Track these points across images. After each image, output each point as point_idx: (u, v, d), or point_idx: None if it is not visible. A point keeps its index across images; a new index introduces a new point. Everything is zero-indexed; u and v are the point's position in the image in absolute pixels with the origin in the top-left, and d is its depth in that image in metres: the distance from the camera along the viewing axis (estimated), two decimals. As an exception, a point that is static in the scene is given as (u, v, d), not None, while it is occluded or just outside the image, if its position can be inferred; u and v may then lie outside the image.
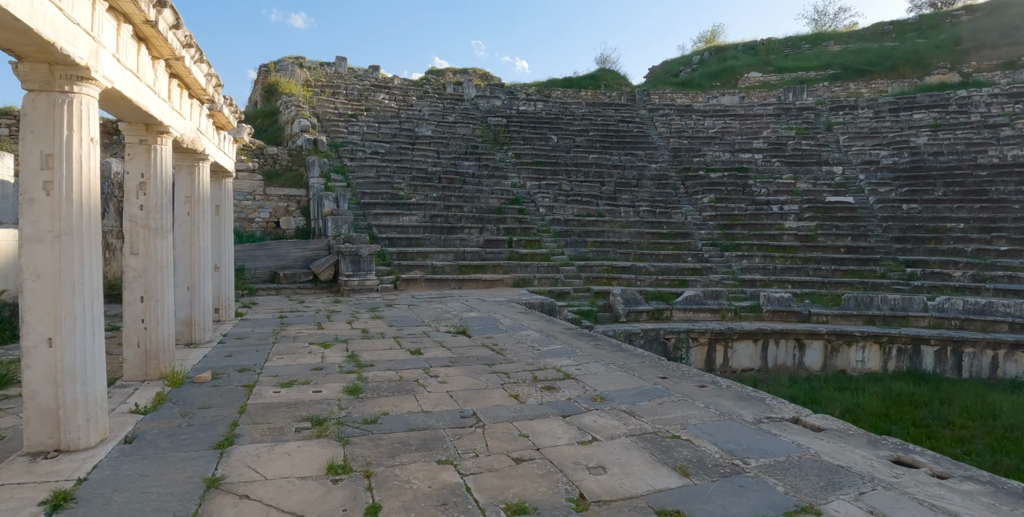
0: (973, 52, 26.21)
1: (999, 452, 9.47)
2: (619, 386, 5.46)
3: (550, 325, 9.28)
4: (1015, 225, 17.89)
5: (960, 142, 22.06)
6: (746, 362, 14.80)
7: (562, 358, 6.80)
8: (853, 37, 30.52)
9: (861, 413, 11.30)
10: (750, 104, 27.42)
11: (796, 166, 22.90)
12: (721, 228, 19.99)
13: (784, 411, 4.81)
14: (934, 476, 3.63)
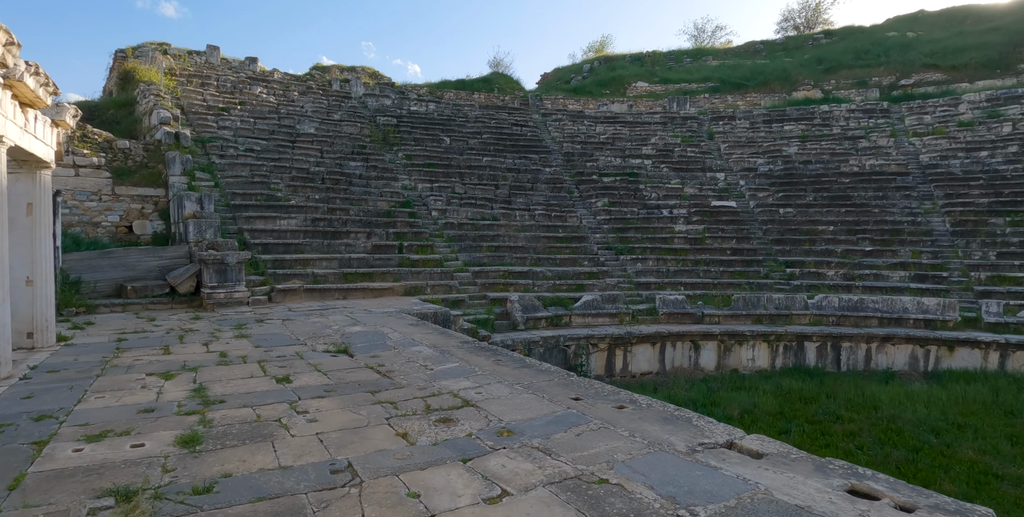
0: (832, 71, 28.61)
1: (887, 444, 9.78)
2: (528, 413, 4.63)
3: (445, 339, 8.33)
4: (876, 227, 19.39)
5: (825, 152, 23.79)
6: (645, 366, 14.69)
7: (459, 379, 5.88)
8: (729, 54, 32.41)
9: (759, 413, 11.38)
10: (638, 112, 28.14)
11: (683, 172, 23.61)
12: (615, 232, 20.03)
13: (715, 434, 4.21)
14: (899, 508, 3.13)
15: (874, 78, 27.81)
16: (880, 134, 24.13)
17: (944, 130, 23.11)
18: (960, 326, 14.73)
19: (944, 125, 23.38)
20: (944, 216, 19.27)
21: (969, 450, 9.49)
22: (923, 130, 23.64)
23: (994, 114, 22.70)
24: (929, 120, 24.10)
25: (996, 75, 24.92)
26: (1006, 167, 20.10)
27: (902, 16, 31.51)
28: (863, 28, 31.28)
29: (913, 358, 14.53)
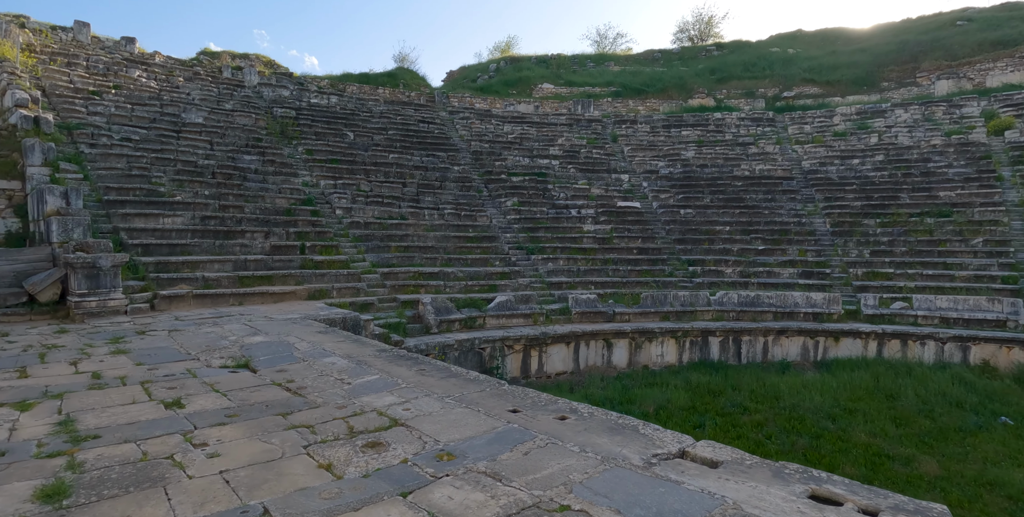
0: (724, 82, 30.36)
1: (791, 433, 10.29)
2: (467, 431, 4.22)
3: (359, 347, 7.69)
4: (767, 228, 20.68)
5: (719, 157, 25.13)
6: (560, 366, 14.67)
7: (382, 394, 5.35)
8: (630, 60, 33.55)
9: (672, 408, 11.64)
10: (545, 113, 28.38)
11: (589, 173, 24.03)
12: (526, 231, 19.97)
13: (666, 443, 4.02)
14: (863, 512, 3.06)
15: (760, 89, 29.83)
16: (767, 141, 25.86)
17: (822, 139, 25.15)
18: (843, 318, 15.97)
19: (822, 135, 25.46)
20: (825, 218, 20.90)
21: (862, 433, 10.20)
22: (804, 139, 25.60)
23: (863, 126, 25.02)
24: (808, 130, 26.16)
25: (864, 91, 27.51)
26: (875, 174, 22.17)
27: (783, 34, 34.11)
28: (750, 43, 33.52)
29: (805, 349, 15.57)
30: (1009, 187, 19.30)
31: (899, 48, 27.82)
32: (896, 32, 30.03)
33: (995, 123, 21.90)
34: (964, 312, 14.98)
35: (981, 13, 28.80)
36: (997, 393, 12.02)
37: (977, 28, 26.56)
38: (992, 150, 21.16)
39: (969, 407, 11.43)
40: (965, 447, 9.69)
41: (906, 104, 25.36)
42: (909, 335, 14.84)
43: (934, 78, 26.19)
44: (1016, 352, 13.59)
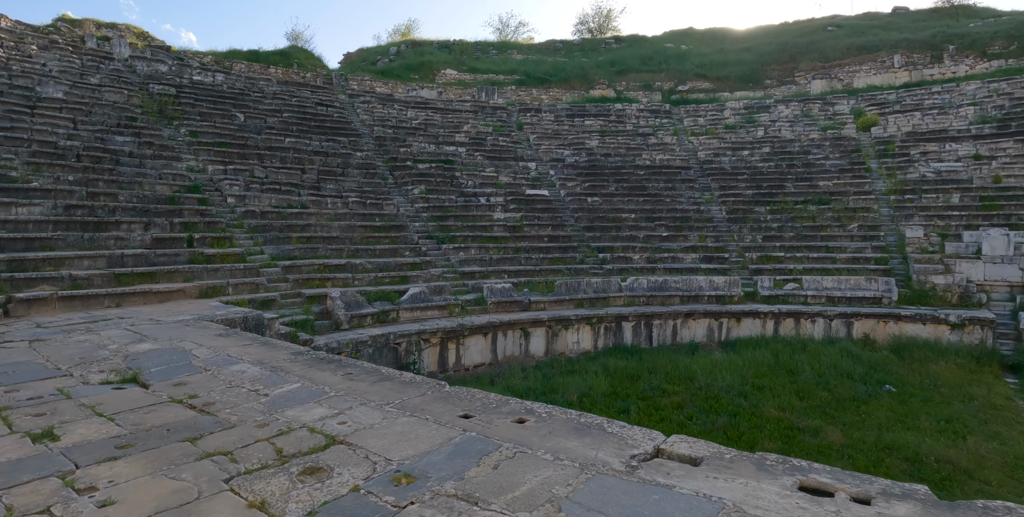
0: (623, 74, 31.11)
1: (710, 412, 10.60)
2: (420, 445, 3.71)
3: (271, 351, 6.86)
4: (669, 215, 21.44)
5: (622, 146, 25.74)
6: (478, 357, 14.30)
7: (309, 405, 4.68)
8: (532, 49, 33.52)
9: (595, 395, 11.63)
10: (449, 99, 27.68)
11: (497, 161, 23.72)
12: (435, 220, 19.33)
13: (638, 441, 3.76)
14: (856, 501, 2.95)
15: (657, 83, 30.89)
16: (665, 132, 26.84)
17: (715, 132, 26.47)
18: (743, 300, 16.87)
19: (714, 127, 26.79)
20: (721, 205, 22.01)
21: (772, 408, 10.71)
22: (699, 131, 26.82)
23: (750, 120, 26.61)
24: (702, 122, 27.45)
25: (750, 87, 29.26)
26: (763, 164, 23.65)
27: (676, 31, 35.55)
28: (646, 38, 34.62)
29: (710, 330, 16.27)
30: (877, 178, 21.28)
31: (779, 49, 29.84)
32: (776, 34, 32.21)
33: (863, 120, 24.06)
34: (847, 291, 16.31)
35: (848, 20, 31.58)
36: (879, 364, 13.15)
37: (845, 34, 29.07)
38: (861, 144, 23.24)
39: (858, 377, 12.39)
40: (861, 415, 10.45)
41: (787, 101, 27.29)
42: (801, 314, 15.92)
43: (810, 77, 28.37)
44: (891, 326, 14.98)
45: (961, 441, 9.00)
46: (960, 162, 20.12)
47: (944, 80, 25.15)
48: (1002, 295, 15.28)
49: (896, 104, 24.40)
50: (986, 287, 15.50)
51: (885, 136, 22.98)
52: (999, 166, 19.18)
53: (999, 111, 21.42)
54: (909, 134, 22.51)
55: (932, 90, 24.22)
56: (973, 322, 14.22)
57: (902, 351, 13.94)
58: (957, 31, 25.89)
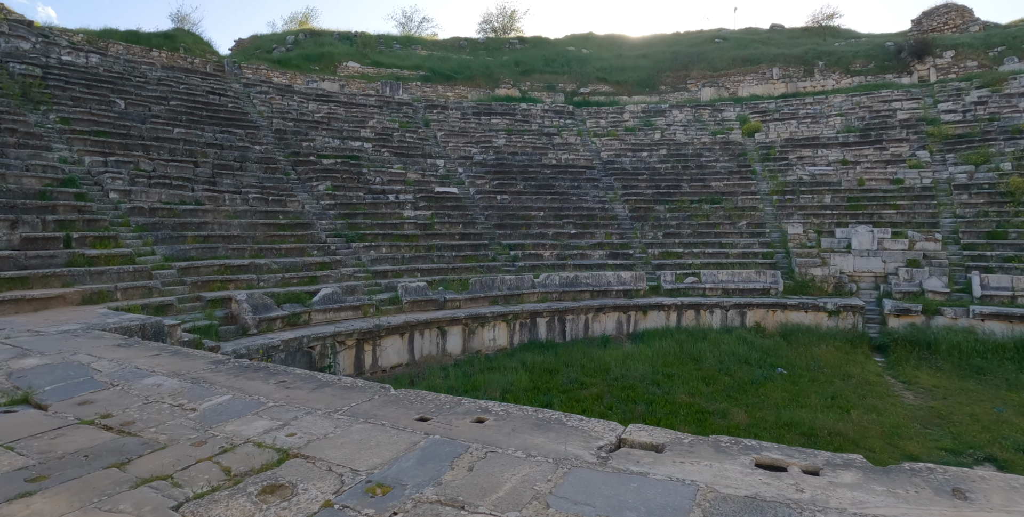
0: (528, 74, 31.60)
1: (628, 401, 11.07)
2: (385, 452, 3.58)
3: (185, 361, 6.30)
4: (576, 213, 22.09)
5: (528, 145, 26.16)
6: (395, 358, 13.99)
7: (248, 418, 4.36)
8: (437, 46, 33.17)
9: (517, 390, 11.77)
10: (352, 93, 26.78)
11: (405, 157, 23.29)
12: (343, 218, 18.66)
13: (600, 433, 3.86)
14: (807, 473, 3.23)
15: (560, 84, 31.69)
16: (570, 133, 27.61)
17: (615, 133, 27.60)
18: (648, 293, 17.76)
19: (615, 129, 27.93)
20: (624, 204, 23.00)
21: (683, 395, 11.38)
22: (601, 132, 27.84)
23: (648, 123, 28.01)
24: (604, 124, 28.53)
25: (647, 92, 30.77)
26: (661, 165, 24.98)
27: (577, 35, 36.60)
28: (549, 40, 35.37)
29: (619, 323, 16.99)
30: (761, 179, 23.18)
31: (672, 57, 31.64)
32: (669, 43, 34.11)
33: (748, 126, 26.10)
34: (739, 283, 17.65)
35: (732, 34, 34.10)
36: (771, 349, 14.38)
37: (730, 46, 31.37)
38: (747, 149, 25.20)
39: (754, 362, 13.47)
40: (760, 396, 11.37)
41: (680, 106, 29.00)
42: (701, 305, 17.04)
43: (700, 85, 30.33)
44: (779, 314, 16.42)
45: (846, 415, 10.06)
46: (830, 166, 22.40)
47: (815, 92, 27.87)
48: (868, 284, 17.23)
49: (775, 113, 26.70)
50: (855, 277, 17.41)
51: (767, 141, 25.08)
52: (862, 170, 21.57)
53: (861, 122, 24.09)
54: (787, 140, 24.72)
55: (805, 101, 26.76)
56: (846, 309, 15.92)
57: (789, 337, 15.34)
58: (825, 49, 28.79)
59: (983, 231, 17.46)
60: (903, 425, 9.66)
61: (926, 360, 13.40)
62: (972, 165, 19.71)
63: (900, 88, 25.79)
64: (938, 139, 21.61)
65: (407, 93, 28.53)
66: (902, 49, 26.66)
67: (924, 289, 15.72)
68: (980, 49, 25.14)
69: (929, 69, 26.00)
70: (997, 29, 26.61)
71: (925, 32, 27.58)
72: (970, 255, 16.70)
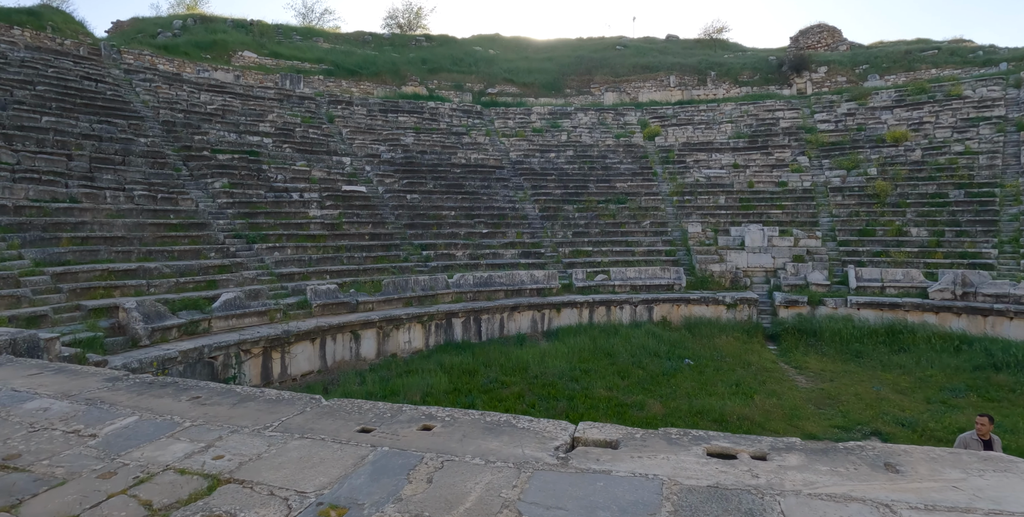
0: (435, 72, 31.24)
1: (549, 398, 11.19)
2: (332, 470, 3.33)
3: (74, 380, 5.57)
4: (487, 212, 22.12)
5: (437, 144, 25.87)
6: (306, 365, 13.30)
7: (162, 441, 3.90)
8: (340, 39, 31.98)
9: (437, 393, 11.56)
10: (249, 85, 25.19)
11: (308, 154, 22.26)
12: (243, 217, 17.50)
13: (553, 433, 3.84)
14: (757, 459, 3.38)
15: (468, 84, 31.61)
16: (478, 132, 27.60)
17: (524, 134, 27.94)
18: (561, 291, 18.11)
19: (523, 130, 28.26)
20: (534, 204, 23.33)
21: (601, 389, 11.68)
22: (509, 132, 28.07)
23: (555, 125, 28.59)
24: (512, 125, 28.78)
25: (552, 95, 31.42)
26: (568, 166, 25.59)
27: (484, 35, 36.66)
28: (456, 39, 35.17)
29: (534, 321, 17.19)
30: (662, 181, 24.37)
31: (577, 62, 32.52)
32: (574, 48, 35.03)
33: (648, 130, 27.35)
34: (646, 280, 18.44)
35: (632, 42, 35.61)
36: (678, 341, 15.13)
37: (631, 54, 32.73)
38: (648, 151, 26.40)
39: (663, 355, 14.12)
40: (672, 387, 11.92)
41: (585, 109, 29.87)
42: (611, 302, 17.62)
43: (603, 89, 31.40)
44: (683, 308, 17.32)
45: (750, 400, 10.77)
46: (723, 169, 23.97)
47: (708, 100, 29.71)
48: (760, 279, 18.61)
49: (673, 118, 28.18)
50: (749, 272, 18.74)
51: (666, 145, 26.41)
52: (752, 173, 23.27)
53: (749, 129, 25.98)
54: (684, 144, 26.17)
55: (700, 108, 28.45)
56: (742, 302, 17.09)
57: (693, 329, 16.23)
58: (716, 60, 30.79)
59: (855, 229, 19.43)
60: (800, 407, 10.51)
61: (813, 347, 14.68)
62: (844, 170, 21.87)
63: (782, 99, 28.11)
64: (815, 146, 23.78)
65: (309, 87, 27.28)
66: (783, 63, 29.09)
67: (808, 282, 17.22)
68: (848, 66, 27.96)
69: (806, 82, 28.56)
70: (862, 49, 29.73)
71: (802, 49, 30.26)
72: (846, 251, 18.52)
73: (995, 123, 21.71)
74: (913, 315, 15.19)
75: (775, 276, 18.38)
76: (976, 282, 15.03)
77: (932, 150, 21.65)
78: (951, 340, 13.82)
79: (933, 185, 20.16)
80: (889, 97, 25.12)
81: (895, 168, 21.31)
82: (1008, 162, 20.13)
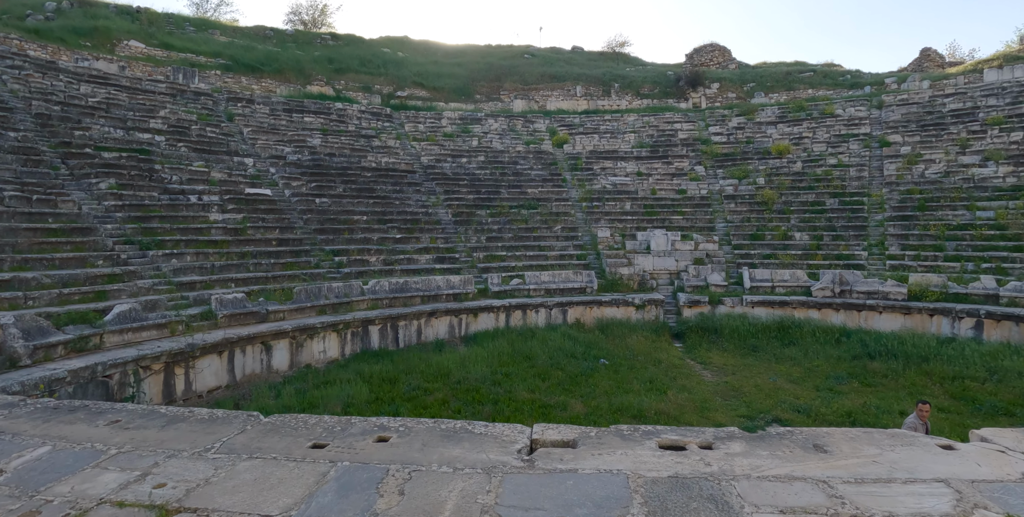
0: (342, 73, 30.37)
1: (474, 403, 11.24)
2: (294, 490, 3.22)
3: (-41, 402, 4.96)
4: (400, 217, 21.81)
5: (346, 147, 25.19)
6: (213, 381, 12.49)
7: (88, 472, 3.58)
8: (239, 33, 30.27)
9: (359, 403, 11.26)
10: (137, 77, 23.28)
11: (206, 154, 20.93)
12: (135, 221, 16.15)
13: (512, 437, 3.93)
14: (704, 448, 3.65)
15: (376, 86, 31.01)
16: (388, 136, 27.18)
17: (435, 138, 27.83)
18: (477, 296, 18.21)
19: (434, 134, 28.15)
20: (447, 208, 23.29)
21: (523, 392, 11.89)
22: (420, 136, 27.85)
23: (466, 130, 28.71)
24: (423, 129, 28.58)
25: (463, 100, 31.53)
26: (480, 172, 25.79)
27: (392, 37, 36.09)
28: (363, 39, 34.36)
29: (452, 327, 17.16)
30: (571, 187, 25.17)
31: (487, 68, 32.85)
32: (483, 54, 35.34)
33: (557, 138, 28.15)
34: (560, 284, 18.97)
35: (540, 51, 36.48)
36: (593, 342, 15.69)
37: (539, 63, 33.53)
38: (557, 158, 27.17)
39: (580, 356, 14.59)
40: (591, 387, 12.36)
41: (495, 115, 30.23)
42: (527, 305, 17.95)
43: (513, 96, 31.95)
44: (596, 310, 17.99)
45: (664, 396, 11.41)
46: (628, 177, 25.15)
47: (613, 111, 31.06)
48: (665, 281, 19.72)
49: (580, 127, 29.20)
50: (655, 275, 19.80)
51: (575, 153, 27.31)
52: (654, 181, 24.60)
53: (651, 139, 27.45)
54: (592, 152, 27.19)
55: (605, 118, 29.68)
56: (650, 303, 18.02)
57: (606, 330, 16.89)
58: (619, 73, 32.27)
59: (748, 234, 21.10)
60: (709, 400, 11.27)
61: (715, 343, 15.77)
62: (736, 179, 23.68)
63: (679, 112, 29.95)
64: (710, 157, 25.56)
65: (205, 82, 25.63)
66: (680, 78, 31.03)
67: (708, 283, 18.47)
68: (738, 84, 30.32)
69: (701, 97, 30.64)
70: (749, 69, 32.34)
71: (696, 66, 32.44)
72: (740, 254, 20.07)
73: (862, 139, 24.43)
74: (799, 311, 16.75)
75: (679, 278, 19.55)
76: (851, 281, 16.84)
77: (811, 162, 23.98)
78: (833, 333, 15.39)
79: (812, 194, 22.33)
80: (773, 113, 27.52)
81: (780, 178, 23.39)
82: (873, 174, 22.73)
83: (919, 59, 31.07)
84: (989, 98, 23.94)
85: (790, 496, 2.86)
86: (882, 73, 30.10)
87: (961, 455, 3.38)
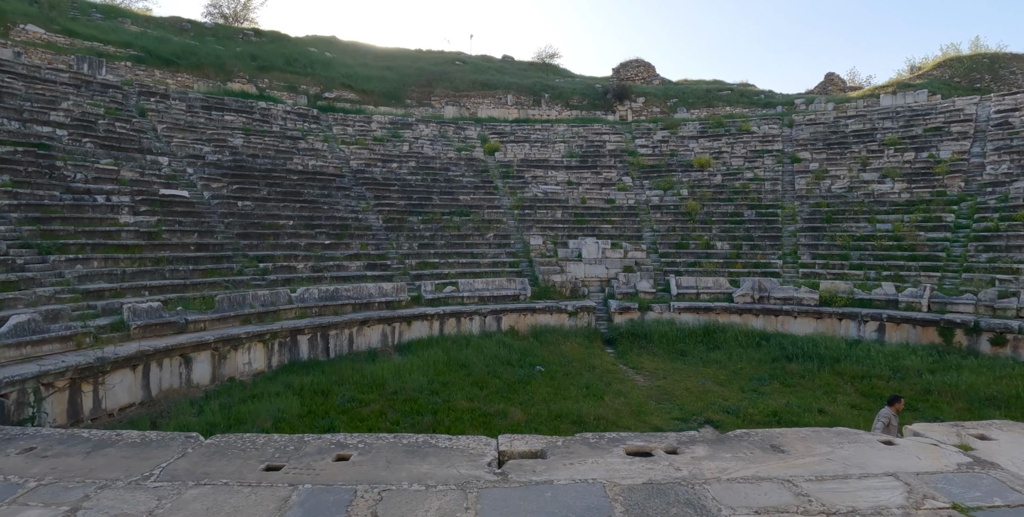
0: (266, 71, 29.15)
1: (413, 413, 10.98)
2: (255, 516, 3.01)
3: None
4: (329, 222, 21.14)
5: (271, 148, 24.16)
6: (126, 398, 11.55)
7: (6, 511, 3.21)
8: (152, 23, 28.41)
9: (291, 417, 10.76)
10: (35, 65, 21.34)
11: (116, 151, 19.47)
12: (31, 223, 14.77)
13: (478, 449, 3.86)
14: (670, 453, 3.73)
15: (303, 86, 29.98)
16: (316, 138, 26.31)
17: (364, 142, 27.21)
18: (410, 304, 17.89)
19: (364, 138, 27.53)
20: (378, 214, 22.81)
21: (462, 401, 11.75)
22: (349, 140, 27.15)
23: (396, 135, 28.27)
24: (351, 132, 27.88)
25: (393, 104, 31.05)
26: (411, 177, 25.44)
27: (320, 36, 35.03)
28: (289, 37, 33.16)
29: (384, 336, 16.74)
30: (503, 194, 25.30)
31: (418, 73, 32.55)
32: (414, 59, 34.97)
33: (488, 146, 28.25)
34: (494, 291, 18.97)
35: (471, 59, 36.54)
36: (528, 350, 15.77)
37: (470, 70, 33.58)
38: (489, 166, 27.25)
39: (516, 363, 14.62)
40: (529, 394, 12.39)
41: (426, 121, 29.97)
42: (461, 313, 17.82)
43: (444, 103, 31.80)
44: (529, 317, 18.11)
45: (601, 401, 11.62)
46: (559, 186, 25.60)
47: (543, 120, 31.55)
48: (597, 288, 20.16)
49: (511, 135, 29.45)
50: (587, 282, 20.21)
51: (506, 160, 27.50)
52: (584, 190, 25.16)
53: (580, 149, 28.09)
54: (523, 161, 27.48)
55: (536, 127, 30.10)
56: (582, 310, 18.36)
57: (540, 337, 17.04)
58: (550, 83, 32.86)
59: (673, 243, 21.97)
60: (644, 403, 11.59)
61: (645, 348, 16.26)
62: (662, 190, 24.64)
63: (607, 124, 30.86)
64: (637, 168, 26.47)
65: (114, 74, 23.85)
66: (608, 91, 32.00)
67: (638, 290, 19.05)
68: (662, 99, 31.64)
69: (627, 110, 31.72)
70: (672, 85, 33.84)
71: (623, 80, 33.59)
72: (666, 262, 20.85)
73: (775, 155, 26.09)
74: (723, 317, 17.60)
75: (609, 285, 20.05)
76: (769, 288, 17.89)
77: (730, 175, 25.34)
78: (754, 337, 16.27)
79: (732, 205, 23.59)
80: (695, 128, 28.91)
81: (702, 190, 24.56)
82: (786, 188, 24.32)
83: (824, 83, 33.67)
84: (886, 121, 26.26)
85: (761, 496, 2.98)
86: (792, 94, 32.35)
87: (902, 449, 3.65)
